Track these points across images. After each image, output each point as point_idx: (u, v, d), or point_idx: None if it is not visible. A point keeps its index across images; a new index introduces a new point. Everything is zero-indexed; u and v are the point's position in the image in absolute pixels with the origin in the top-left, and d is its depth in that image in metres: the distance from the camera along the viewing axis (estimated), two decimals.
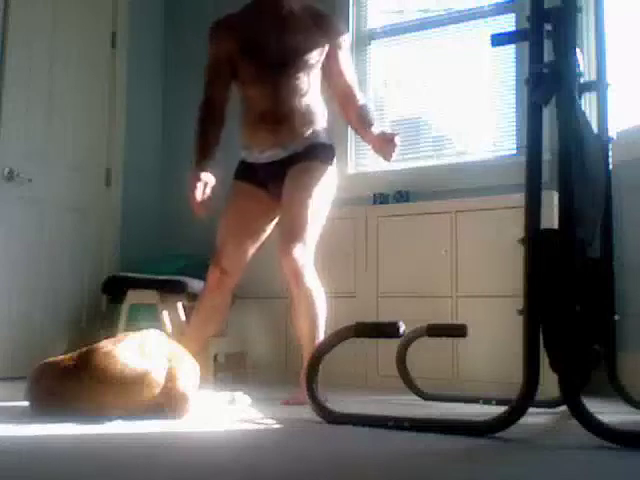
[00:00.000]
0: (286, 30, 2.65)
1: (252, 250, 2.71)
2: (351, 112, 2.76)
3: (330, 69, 2.75)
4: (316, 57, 2.68)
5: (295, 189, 2.58)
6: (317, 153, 2.66)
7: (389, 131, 2.66)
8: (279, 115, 2.63)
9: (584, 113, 2.14)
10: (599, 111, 2.43)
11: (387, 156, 2.62)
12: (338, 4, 4.15)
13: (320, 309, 2.58)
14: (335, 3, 4.16)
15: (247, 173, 2.72)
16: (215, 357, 3.50)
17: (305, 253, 2.53)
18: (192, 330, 2.75)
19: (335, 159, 2.77)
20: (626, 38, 3.27)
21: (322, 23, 2.71)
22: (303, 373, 2.57)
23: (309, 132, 2.67)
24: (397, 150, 2.58)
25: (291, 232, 2.52)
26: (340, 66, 2.75)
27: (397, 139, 2.58)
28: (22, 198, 3.67)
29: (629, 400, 2.37)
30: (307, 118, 2.67)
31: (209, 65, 2.73)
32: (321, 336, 2.56)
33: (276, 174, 2.66)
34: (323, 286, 2.60)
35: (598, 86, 2.43)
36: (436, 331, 2.58)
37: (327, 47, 2.71)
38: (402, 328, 2.01)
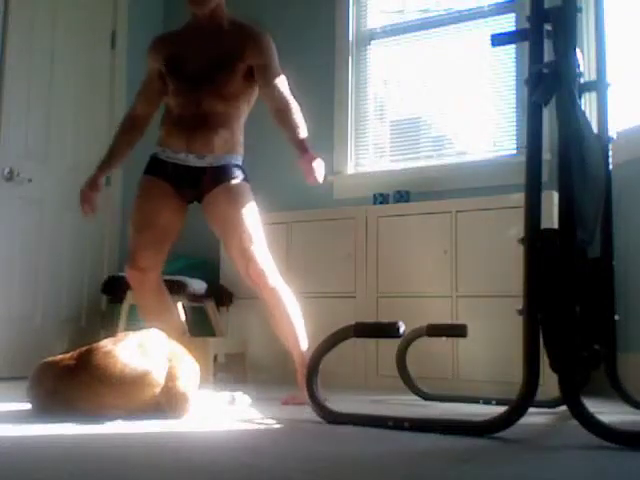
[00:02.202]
0: (207, 49, 2.67)
1: (167, 243, 2.73)
2: (286, 132, 2.67)
3: (260, 87, 2.73)
4: (238, 74, 2.66)
5: (232, 209, 2.64)
6: (237, 173, 2.71)
7: (318, 163, 2.58)
8: (196, 122, 2.66)
9: (584, 113, 2.14)
10: (599, 111, 2.43)
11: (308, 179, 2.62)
12: (338, 4, 4.16)
13: (290, 305, 2.64)
14: (335, 3, 4.16)
15: (157, 168, 2.74)
16: (215, 357, 3.50)
17: (263, 260, 2.62)
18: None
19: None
20: (626, 38, 3.27)
21: (247, 41, 2.67)
22: (300, 373, 2.58)
23: (227, 149, 2.70)
24: (318, 179, 2.56)
25: (245, 250, 2.61)
26: (268, 83, 2.69)
27: (319, 176, 2.55)
28: (22, 198, 3.67)
29: (629, 400, 2.37)
30: (224, 135, 2.68)
31: (143, 80, 2.88)
32: (300, 329, 2.64)
33: (187, 178, 2.68)
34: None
35: (598, 86, 2.43)
36: (436, 331, 2.58)
37: (250, 63, 2.68)
38: (402, 328, 2.01)
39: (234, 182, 2.69)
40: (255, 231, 2.65)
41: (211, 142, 2.67)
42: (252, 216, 2.67)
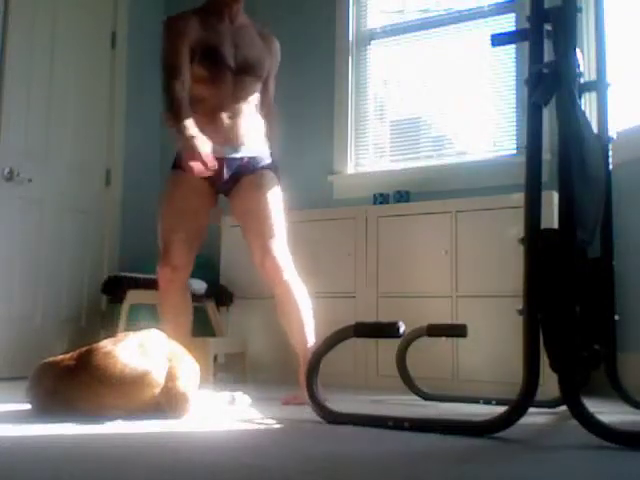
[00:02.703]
0: (243, 41, 2.73)
1: (199, 240, 2.73)
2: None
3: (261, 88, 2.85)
4: (265, 72, 2.80)
5: (257, 200, 2.67)
6: (270, 163, 2.76)
7: None
8: (232, 115, 2.68)
9: (584, 113, 2.14)
10: (599, 111, 2.43)
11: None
12: (338, 4, 4.15)
13: (302, 301, 2.63)
14: (335, 3, 4.16)
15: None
16: (215, 357, 3.50)
17: (281, 254, 2.62)
18: (168, 332, 2.68)
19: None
20: (626, 38, 3.27)
21: (269, 43, 2.84)
22: (302, 372, 2.58)
23: (260, 140, 2.77)
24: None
25: (264, 243, 2.62)
26: (269, 88, 2.89)
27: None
28: (22, 198, 3.67)
29: (629, 400, 2.37)
30: (257, 126, 2.77)
31: (176, 51, 2.61)
32: (309, 327, 2.62)
33: (218, 170, 2.62)
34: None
35: (598, 86, 2.43)
36: (436, 331, 2.58)
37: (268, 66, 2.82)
38: (402, 328, 2.01)
39: (263, 172, 2.72)
40: (277, 225, 2.66)
41: (247, 133, 2.70)
42: (276, 208, 2.68)
